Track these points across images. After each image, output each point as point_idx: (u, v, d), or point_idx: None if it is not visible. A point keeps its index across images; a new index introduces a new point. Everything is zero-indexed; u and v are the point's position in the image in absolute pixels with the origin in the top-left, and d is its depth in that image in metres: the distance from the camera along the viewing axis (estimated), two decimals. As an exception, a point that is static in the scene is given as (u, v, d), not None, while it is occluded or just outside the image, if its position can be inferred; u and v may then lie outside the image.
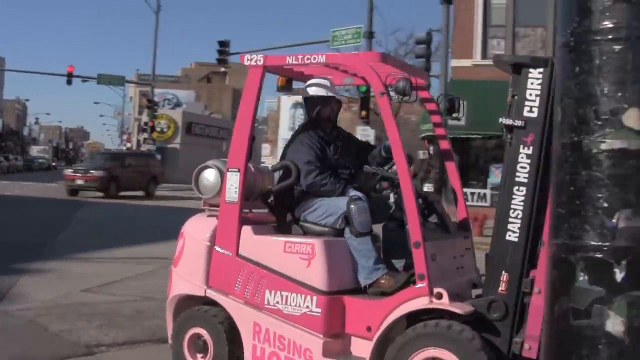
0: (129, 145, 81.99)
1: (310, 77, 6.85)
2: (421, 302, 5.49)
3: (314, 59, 6.21)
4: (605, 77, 2.11)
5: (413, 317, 5.59)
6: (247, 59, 6.34)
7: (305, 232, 6.32)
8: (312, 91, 6.51)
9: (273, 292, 5.99)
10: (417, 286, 5.54)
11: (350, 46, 33.76)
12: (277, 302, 5.97)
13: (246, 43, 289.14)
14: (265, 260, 6.07)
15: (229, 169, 6.23)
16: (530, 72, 5.23)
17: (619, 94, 2.09)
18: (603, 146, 2.09)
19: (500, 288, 5.42)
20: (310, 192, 6.29)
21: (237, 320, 6.15)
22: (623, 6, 2.11)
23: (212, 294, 6.29)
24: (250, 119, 6.28)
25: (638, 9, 2.10)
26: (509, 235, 5.40)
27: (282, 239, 6.11)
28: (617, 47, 2.11)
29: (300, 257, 5.93)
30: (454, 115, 6.79)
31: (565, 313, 2.15)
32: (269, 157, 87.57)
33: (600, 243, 2.09)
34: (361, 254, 6.00)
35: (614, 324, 2.07)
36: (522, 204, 5.36)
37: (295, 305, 5.89)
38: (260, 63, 6.27)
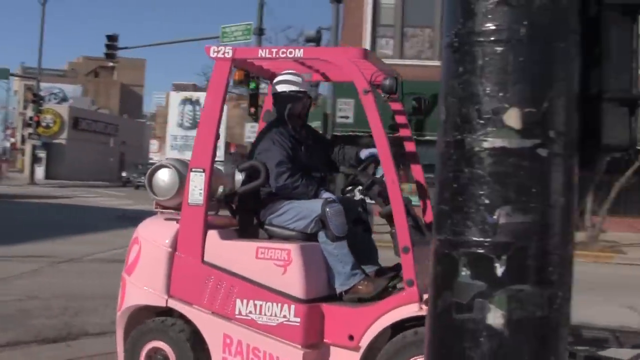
0: (12, 140, 79.89)
1: (271, 72, 6.58)
2: (411, 309, 5.30)
3: (290, 52, 5.90)
4: (488, 78, 2.17)
5: (396, 324, 5.40)
6: (214, 51, 5.90)
7: (271, 237, 5.99)
8: (283, 87, 6.20)
9: (245, 301, 5.61)
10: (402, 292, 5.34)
11: (240, 43, 33.63)
12: (250, 312, 5.60)
13: (135, 38, 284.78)
14: (235, 267, 5.69)
15: (193, 169, 5.78)
16: None
17: (501, 94, 2.15)
18: (485, 144, 2.14)
19: None
20: (280, 194, 5.98)
21: (204, 332, 5.73)
22: (505, 9, 2.17)
23: (174, 304, 5.82)
24: (217, 115, 5.86)
25: (519, 12, 2.16)
26: None
27: (254, 244, 5.74)
28: (498, 49, 2.17)
29: (275, 263, 5.57)
30: (419, 116, 6.55)
31: (448, 307, 2.20)
32: (157, 154, 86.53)
33: (481, 239, 2.14)
34: (337, 259, 5.73)
35: (495, 317, 2.13)
36: None
37: (271, 315, 5.54)
38: (229, 56, 5.87)
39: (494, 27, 2.17)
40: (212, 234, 5.79)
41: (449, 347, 2.21)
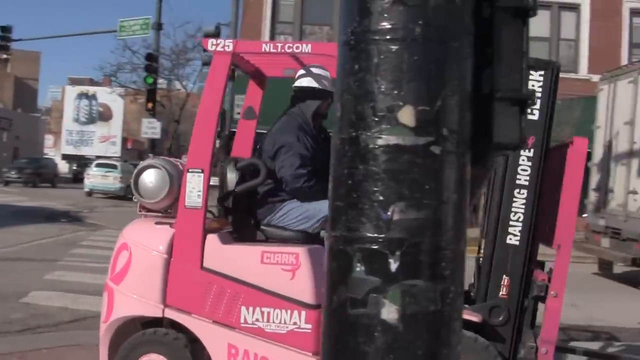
0: None
1: (255, 68, 6.38)
2: None
3: (297, 47, 5.68)
4: (383, 76, 2.19)
5: None
6: (212, 44, 5.59)
7: (268, 238, 5.76)
8: (311, 82, 5.95)
9: (251, 308, 5.39)
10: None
11: (138, 37, 33.23)
12: (257, 320, 5.38)
13: (30, 29, 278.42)
14: (238, 272, 5.44)
15: (190, 170, 5.46)
16: (532, 75, 5.08)
17: (395, 92, 2.17)
18: (379, 142, 2.17)
19: (501, 292, 5.28)
20: (295, 195, 5.75)
21: (206, 343, 5.45)
22: (400, 8, 2.19)
23: (171, 313, 5.51)
24: (215, 112, 5.54)
25: (414, 11, 2.19)
26: (510, 239, 5.25)
27: (259, 248, 5.50)
28: (394, 47, 2.19)
29: (282, 268, 5.35)
30: None
31: (344, 303, 2.21)
32: (53, 149, 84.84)
33: (375, 235, 2.16)
34: None
35: (389, 312, 2.15)
36: (523, 206, 5.22)
37: (280, 323, 5.34)
38: (230, 49, 5.58)
39: (389, 26, 2.20)
40: (212, 238, 5.54)
41: (344, 342, 2.22)
